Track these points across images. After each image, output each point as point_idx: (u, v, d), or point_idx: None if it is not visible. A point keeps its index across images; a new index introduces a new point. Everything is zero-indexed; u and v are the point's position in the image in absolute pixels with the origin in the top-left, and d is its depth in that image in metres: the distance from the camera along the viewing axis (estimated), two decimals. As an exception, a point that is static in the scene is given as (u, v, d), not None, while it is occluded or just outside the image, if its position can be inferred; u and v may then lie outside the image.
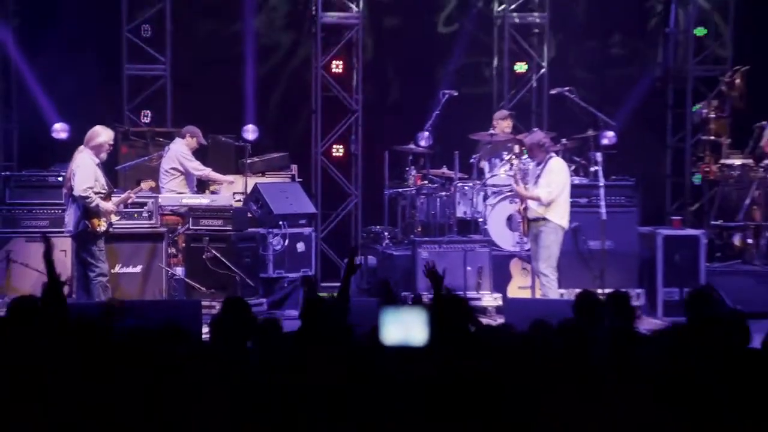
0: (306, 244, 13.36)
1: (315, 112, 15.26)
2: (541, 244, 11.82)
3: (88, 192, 11.14)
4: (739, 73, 14.87)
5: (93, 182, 11.21)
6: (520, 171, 13.01)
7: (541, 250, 11.81)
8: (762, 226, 13.87)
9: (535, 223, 11.86)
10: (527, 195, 11.83)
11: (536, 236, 11.87)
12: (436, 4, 16.09)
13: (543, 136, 12.20)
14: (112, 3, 14.66)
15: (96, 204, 11.17)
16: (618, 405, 4.99)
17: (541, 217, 11.79)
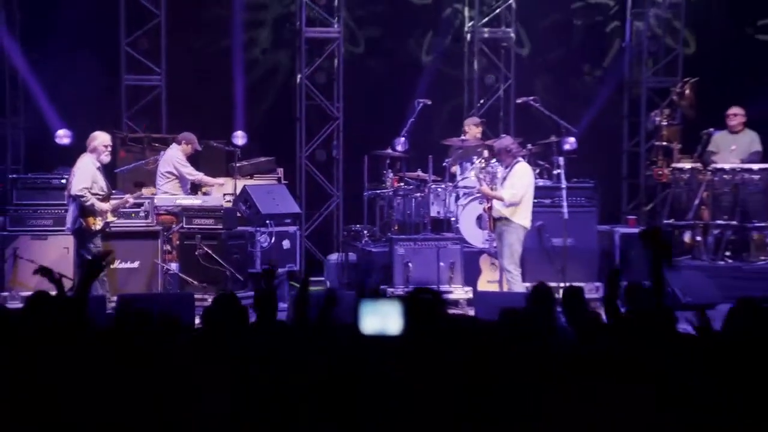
0: (291, 241, 13.35)
1: (299, 119, 15.26)
2: (505, 242, 11.80)
3: (84, 192, 11.12)
4: (688, 84, 14.91)
5: (90, 183, 11.18)
6: (488, 174, 13.04)
7: (505, 248, 11.80)
8: (709, 225, 13.82)
9: (498, 222, 11.85)
10: (492, 195, 11.82)
11: (500, 234, 11.87)
12: (412, 20, 16.04)
13: (511, 142, 12.19)
14: (111, 18, 14.60)
15: (91, 203, 11.15)
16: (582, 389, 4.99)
17: (504, 217, 11.78)
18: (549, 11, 16.26)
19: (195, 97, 15.01)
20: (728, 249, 13.85)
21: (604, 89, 16.17)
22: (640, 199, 16.00)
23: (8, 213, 12.53)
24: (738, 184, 13.66)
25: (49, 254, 12.18)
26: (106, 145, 11.43)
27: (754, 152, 13.99)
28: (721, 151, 14.07)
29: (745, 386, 5.13)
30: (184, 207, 12.84)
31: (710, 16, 16.28)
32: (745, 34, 16.30)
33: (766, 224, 13.78)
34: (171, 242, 12.72)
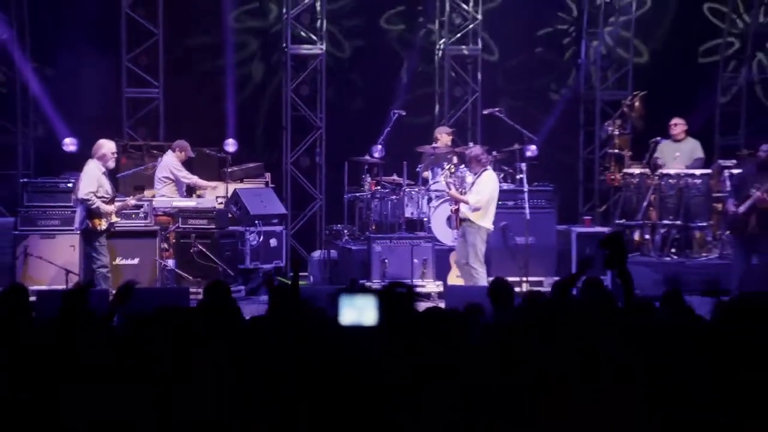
0: (278, 240, 13.32)
1: (285, 128, 15.13)
2: (469, 242, 11.79)
3: (90, 195, 11.10)
4: (638, 97, 14.85)
5: (95, 188, 11.16)
6: (458, 178, 13.08)
7: (470, 247, 11.77)
8: (657, 224, 13.83)
9: (464, 223, 11.84)
10: (459, 198, 11.83)
11: (464, 235, 11.86)
12: (388, 38, 15.97)
13: (480, 152, 12.15)
14: (113, 37, 14.53)
15: (97, 206, 11.13)
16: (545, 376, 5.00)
17: (469, 219, 11.78)
18: (512, 30, 16.14)
19: (190, 108, 14.97)
20: (673, 246, 13.86)
21: (562, 101, 16.18)
22: (594, 201, 15.99)
23: (19, 214, 12.51)
24: (682, 187, 13.62)
25: (56, 252, 12.21)
26: (112, 152, 11.44)
27: (696, 159, 14.01)
28: (666, 157, 14.08)
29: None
30: (180, 208, 12.84)
31: (658, 36, 16.30)
32: (690, 54, 16.33)
33: (706, 224, 13.81)
34: (168, 241, 12.69)
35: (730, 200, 11.92)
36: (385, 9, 15.98)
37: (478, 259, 11.83)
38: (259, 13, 15.68)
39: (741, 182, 12.01)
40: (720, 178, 13.98)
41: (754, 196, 11.64)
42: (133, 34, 14.62)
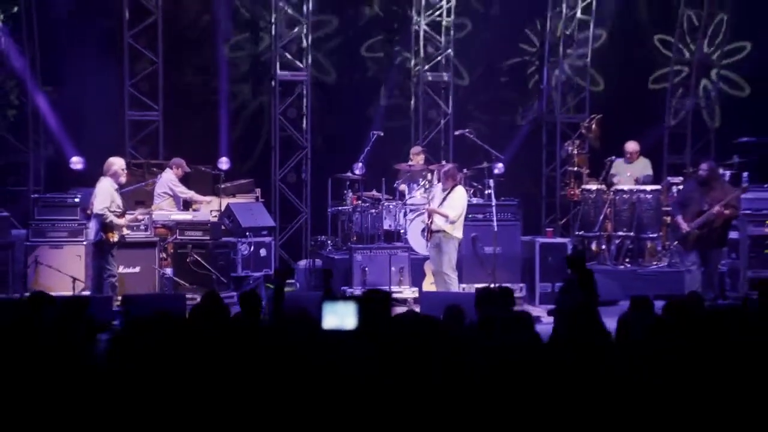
0: (267, 250, 13.20)
1: (274, 147, 15.10)
2: (443, 251, 11.77)
3: (104, 210, 11.05)
4: (595, 120, 15.02)
5: (109, 203, 11.12)
6: (431, 194, 13.18)
7: (444, 256, 11.76)
8: (612, 236, 13.90)
9: (437, 234, 11.84)
10: (439, 212, 11.81)
11: (438, 245, 11.83)
12: (368, 65, 15.96)
13: (454, 170, 12.19)
14: (117, 64, 14.45)
15: (110, 220, 11.09)
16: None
17: (442, 230, 11.77)
18: (481, 59, 16.22)
19: (187, 129, 14.89)
20: (627, 255, 13.95)
21: (526, 124, 16.25)
22: (556, 214, 15.99)
23: (30, 226, 12.46)
24: (635, 202, 13.72)
25: (64, 261, 12.17)
26: (123, 169, 11.43)
27: (646, 175, 14.08)
28: (620, 175, 14.15)
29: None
30: (177, 221, 12.77)
31: (613, 65, 16.35)
32: (641, 81, 16.38)
33: (657, 235, 13.89)
34: (166, 251, 12.66)
35: (679, 217, 11.75)
36: (365, 39, 15.95)
37: (451, 266, 11.84)
38: (251, 42, 15.59)
39: (686, 199, 11.91)
40: (669, 193, 14.07)
41: (711, 212, 11.54)
42: (135, 61, 14.55)
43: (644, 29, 16.33)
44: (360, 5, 15.94)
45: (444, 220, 11.80)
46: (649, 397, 4.67)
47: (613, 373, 4.84)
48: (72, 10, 14.35)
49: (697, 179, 11.89)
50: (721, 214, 11.60)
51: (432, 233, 11.92)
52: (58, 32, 14.35)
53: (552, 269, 12.90)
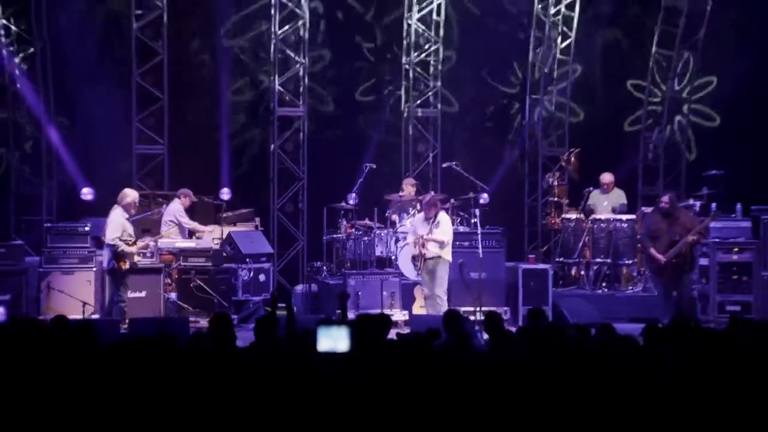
0: (266, 275, 13.25)
1: (272, 179, 15.03)
2: (438, 274, 11.83)
3: (115, 240, 11.14)
4: (573, 153, 14.96)
5: (120, 232, 11.19)
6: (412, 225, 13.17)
7: (438, 279, 11.82)
8: (590, 262, 13.87)
9: (432, 261, 11.87)
10: (434, 239, 11.85)
11: (433, 270, 11.87)
12: (361, 102, 15.97)
13: (434, 199, 12.26)
14: (125, 101, 14.47)
15: (121, 249, 11.16)
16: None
17: (437, 256, 11.84)
18: (467, 96, 16.21)
19: (190, 162, 14.87)
20: (604, 280, 13.93)
21: (510, 156, 16.17)
22: (537, 242, 15.89)
23: (43, 254, 12.50)
24: (611, 230, 13.73)
25: (75, 286, 12.19)
26: (135, 201, 11.51)
27: (621, 205, 14.11)
28: (597, 205, 14.19)
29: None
30: (181, 248, 12.82)
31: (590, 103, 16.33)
32: (617, 119, 16.40)
33: (632, 261, 13.87)
34: (171, 276, 12.66)
35: (652, 249, 11.68)
36: (358, 77, 15.98)
37: (443, 289, 11.92)
38: (251, 80, 15.61)
39: (653, 232, 11.82)
40: (643, 222, 13.98)
41: (686, 240, 11.53)
42: (142, 98, 14.53)
43: (618, 72, 16.34)
44: (353, 45, 15.93)
45: (438, 246, 11.86)
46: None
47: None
48: (84, 51, 14.39)
49: (660, 211, 11.85)
50: (694, 242, 11.68)
51: (425, 260, 11.95)
52: (70, 71, 14.39)
53: (534, 293, 12.95)
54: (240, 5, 15.25)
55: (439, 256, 11.87)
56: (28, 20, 14.10)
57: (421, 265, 12.09)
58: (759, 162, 14.44)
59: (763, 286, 12.21)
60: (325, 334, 4.58)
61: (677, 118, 16.31)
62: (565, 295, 13.65)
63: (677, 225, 11.66)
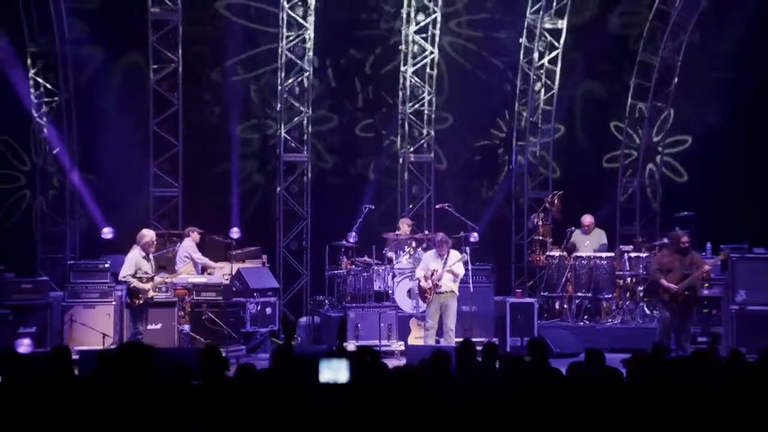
0: (272, 308, 13.30)
1: (278, 219, 14.99)
2: (451, 309, 11.82)
3: (126, 278, 11.17)
4: (557, 196, 15.07)
5: (133, 270, 11.18)
6: (416, 260, 13.07)
7: (452, 313, 11.81)
8: (572, 296, 13.92)
9: (444, 295, 11.83)
10: (454, 271, 11.85)
11: (446, 304, 11.82)
12: (360, 147, 16.02)
13: (446, 237, 12.29)
14: (143, 148, 14.44)
15: (134, 286, 11.16)
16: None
17: (450, 290, 11.86)
18: (458, 142, 16.22)
19: (202, 203, 14.85)
20: (586, 313, 13.97)
21: (498, 198, 16.12)
22: (524, 277, 15.84)
23: (67, 289, 12.53)
24: (592, 267, 13.83)
25: (95, 319, 12.20)
26: (153, 240, 11.53)
27: (601, 244, 14.24)
28: (579, 244, 14.29)
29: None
30: (194, 283, 12.79)
31: (572, 150, 16.37)
32: (597, 162, 16.46)
33: (611, 296, 13.94)
34: (185, 309, 12.67)
35: (663, 280, 11.49)
36: (358, 125, 16.01)
37: (455, 321, 11.90)
38: (259, 128, 15.64)
39: (666, 266, 11.61)
40: (621, 259, 14.09)
41: (697, 273, 11.43)
42: (159, 145, 14.56)
43: (600, 116, 16.39)
44: (354, 95, 15.99)
45: (454, 279, 11.87)
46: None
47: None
48: (105, 102, 14.46)
49: (678, 249, 11.61)
50: (706, 276, 11.58)
51: (437, 294, 11.89)
52: (93, 120, 14.45)
53: (521, 325, 12.96)
54: (248, 48, 15.24)
55: (452, 291, 11.86)
56: (55, 75, 14.17)
57: (431, 298, 12.01)
58: (724, 208, 14.47)
59: (731, 320, 12.21)
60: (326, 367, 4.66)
61: (649, 167, 16.31)
62: (550, 326, 13.64)
63: (688, 260, 11.54)
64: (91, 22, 14.31)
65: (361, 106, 16.11)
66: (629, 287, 14.19)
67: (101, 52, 14.44)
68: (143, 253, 11.38)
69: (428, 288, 11.99)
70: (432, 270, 11.95)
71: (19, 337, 11.34)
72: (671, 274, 11.54)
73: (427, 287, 12.00)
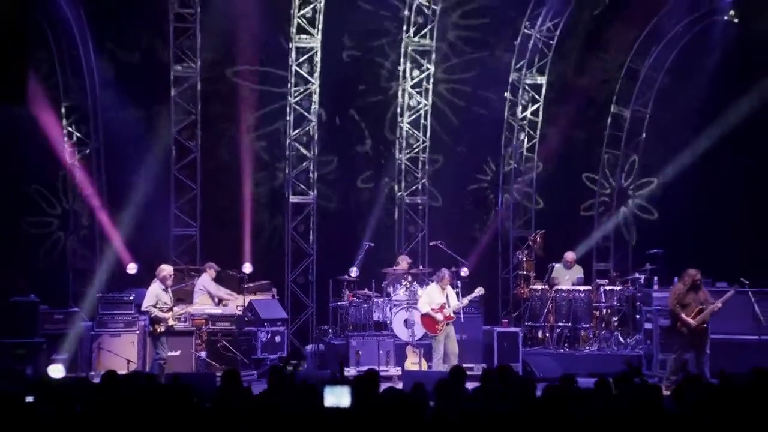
0: (281, 337, 13.33)
1: (287, 255, 14.94)
2: (454, 335, 11.97)
3: (148, 308, 11.22)
4: (539, 234, 15.15)
5: (154, 301, 11.23)
6: (412, 293, 13.22)
7: (455, 339, 11.94)
8: (554, 326, 13.96)
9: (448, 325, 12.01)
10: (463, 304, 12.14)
11: (449, 333, 11.99)
12: (360, 192, 15.95)
13: (452, 275, 12.45)
14: (164, 191, 14.47)
15: (155, 315, 11.21)
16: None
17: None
18: (450, 186, 16.22)
19: (218, 241, 14.74)
20: (565, 341, 14.00)
21: (485, 236, 16.07)
22: (509, 308, 15.85)
23: (95, 319, 12.57)
24: (571, 299, 13.91)
25: (121, 346, 12.24)
26: (170, 274, 11.57)
27: (578, 278, 14.32)
28: (559, 278, 14.40)
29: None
30: (210, 314, 12.84)
31: (552, 192, 16.40)
32: (575, 206, 16.35)
33: (589, 325, 13.97)
34: (201, 338, 12.70)
35: (683, 315, 11.24)
36: (358, 173, 16.02)
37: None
38: (269, 173, 15.62)
39: (682, 301, 11.35)
40: (598, 292, 14.17)
41: (713, 307, 11.23)
42: (179, 189, 14.64)
43: (575, 166, 16.44)
44: (356, 142, 16.03)
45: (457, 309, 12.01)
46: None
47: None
48: (132, 150, 14.50)
49: (690, 286, 11.34)
50: (717, 310, 11.29)
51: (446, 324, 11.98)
52: (119, 166, 14.51)
53: (507, 352, 12.98)
54: (260, 107, 15.31)
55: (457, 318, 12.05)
56: (87, 126, 14.32)
57: (442, 328, 12.08)
58: (690, 244, 14.54)
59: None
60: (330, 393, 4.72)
61: (622, 209, 16.39)
62: (533, 353, 13.67)
63: (701, 295, 11.36)
64: (119, 79, 14.42)
65: (362, 152, 16.15)
66: (605, 317, 14.24)
67: (128, 106, 14.51)
68: (162, 286, 11.42)
69: (441, 320, 12.09)
70: (440, 304, 12.02)
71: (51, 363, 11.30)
72: (687, 309, 11.29)
73: (440, 319, 12.07)
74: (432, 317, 12.14)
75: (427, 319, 12.26)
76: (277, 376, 6.80)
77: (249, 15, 14.40)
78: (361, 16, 15.34)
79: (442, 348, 12.05)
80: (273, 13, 14.77)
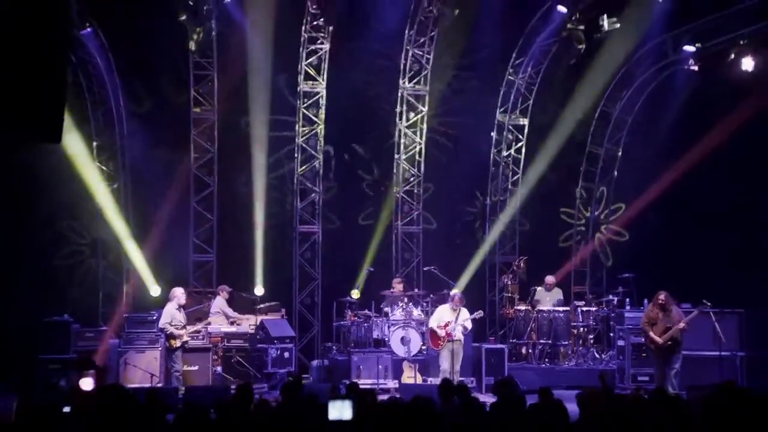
0: (289, 353, 13.28)
1: (295, 279, 15.02)
2: (461, 355, 11.93)
3: (164, 325, 11.41)
4: (522, 260, 15.14)
5: (170, 320, 11.42)
6: (407, 313, 13.13)
7: (460, 358, 11.92)
8: (536, 343, 13.94)
9: (456, 343, 11.92)
10: (465, 326, 12.01)
11: (456, 351, 11.90)
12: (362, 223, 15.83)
13: (462, 296, 12.39)
14: (184, 221, 14.54)
15: (170, 332, 11.38)
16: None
17: (459, 339, 11.98)
18: (442, 216, 16.23)
19: (232, 266, 14.70)
20: (546, 357, 14.00)
21: (474, 262, 15.91)
22: (496, 327, 15.85)
23: (122, 337, 12.57)
24: (552, 319, 13.93)
25: (145, 362, 12.20)
26: (183, 294, 11.72)
27: (558, 299, 14.36)
28: (541, 299, 14.41)
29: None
30: (225, 332, 12.89)
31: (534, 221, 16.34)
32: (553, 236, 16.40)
33: (567, 342, 13.98)
34: (217, 354, 12.71)
35: (651, 333, 11.35)
36: (359, 203, 15.94)
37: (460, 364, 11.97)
38: (279, 205, 15.61)
39: (651, 320, 11.44)
40: (575, 312, 14.19)
41: (677, 327, 11.23)
42: (197, 219, 14.69)
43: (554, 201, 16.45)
44: (356, 178, 16.03)
45: (464, 331, 12.02)
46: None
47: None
48: (154, 184, 14.54)
49: (658, 305, 11.44)
50: (683, 330, 11.35)
51: (450, 341, 11.96)
52: (143, 199, 14.56)
53: (494, 367, 12.95)
54: (272, 150, 15.36)
55: (460, 340, 12.02)
56: (115, 163, 14.44)
57: (443, 345, 12.07)
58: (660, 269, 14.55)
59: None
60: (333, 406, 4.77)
61: (597, 235, 16.43)
62: (518, 368, 13.65)
63: (670, 316, 11.39)
64: (143, 121, 14.54)
65: (363, 187, 16.16)
66: (582, 335, 14.25)
67: (152, 144, 14.61)
68: (176, 306, 11.57)
69: (442, 336, 12.07)
70: (446, 321, 12.06)
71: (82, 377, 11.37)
72: (656, 327, 11.33)
73: (441, 335, 12.08)
74: (435, 332, 12.14)
75: (431, 334, 12.31)
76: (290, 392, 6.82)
77: (260, 65, 14.45)
78: (361, 64, 15.46)
79: (446, 363, 11.96)
80: (282, 63, 14.88)
